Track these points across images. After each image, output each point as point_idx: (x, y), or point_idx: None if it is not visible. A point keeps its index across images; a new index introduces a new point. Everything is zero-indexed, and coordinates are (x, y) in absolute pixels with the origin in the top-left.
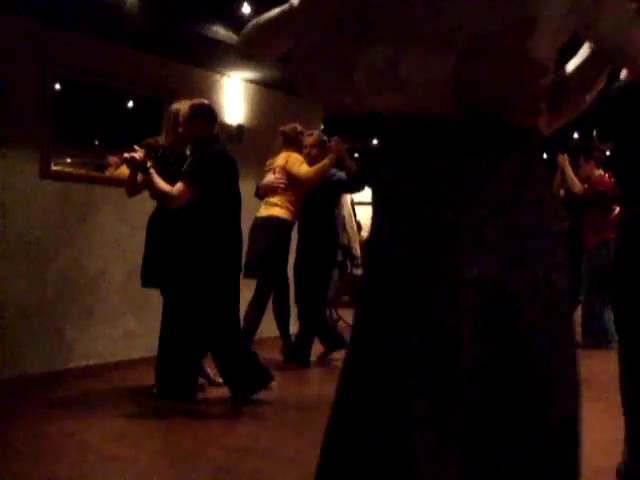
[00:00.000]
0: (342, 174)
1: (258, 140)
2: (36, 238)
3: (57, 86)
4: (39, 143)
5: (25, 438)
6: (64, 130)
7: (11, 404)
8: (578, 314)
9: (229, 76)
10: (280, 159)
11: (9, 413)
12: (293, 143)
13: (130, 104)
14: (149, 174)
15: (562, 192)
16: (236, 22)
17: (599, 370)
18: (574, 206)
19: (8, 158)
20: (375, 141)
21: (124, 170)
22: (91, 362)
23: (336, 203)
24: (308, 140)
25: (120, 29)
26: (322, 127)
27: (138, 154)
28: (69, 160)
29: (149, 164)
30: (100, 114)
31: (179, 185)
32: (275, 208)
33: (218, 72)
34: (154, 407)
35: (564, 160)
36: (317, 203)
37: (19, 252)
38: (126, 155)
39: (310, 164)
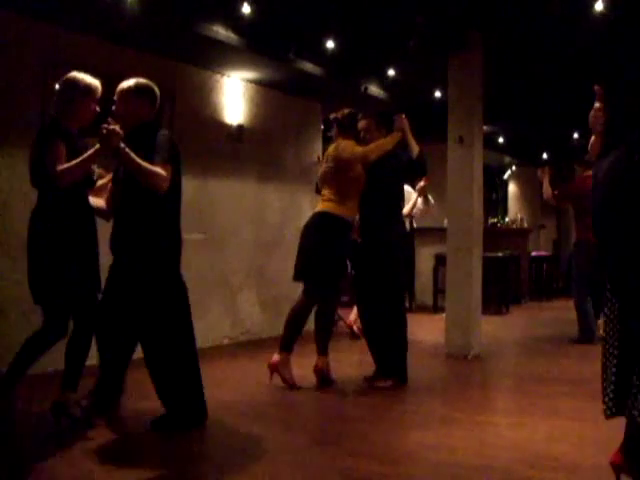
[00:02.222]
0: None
1: (258, 140)
2: None
3: (57, 86)
4: None
5: (25, 438)
6: None
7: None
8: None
9: (229, 76)
10: (331, 149)
11: (9, 413)
12: (349, 130)
13: None
14: (127, 153)
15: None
16: (236, 22)
17: (599, 370)
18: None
19: (9, 158)
20: None
21: None
22: (90, 362)
23: (402, 187)
24: (362, 124)
25: (120, 29)
26: (322, 127)
27: (119, 129)
28: None
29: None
30: (100, 114)
31: (164, 167)
32: (327, 203)
33: (218, 72)
34: (154, 407)
35: (543, 172)
36: (383, 187)
37: (20, 252)
38: (107, 127)
39: None
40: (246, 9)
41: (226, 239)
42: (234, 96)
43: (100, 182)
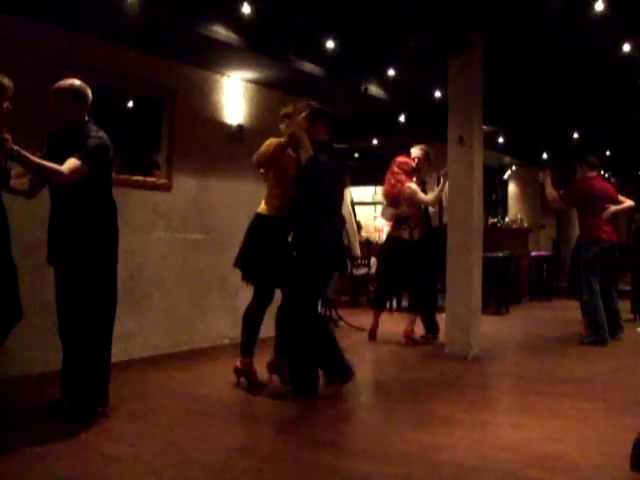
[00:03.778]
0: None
1: (258, 140)
2: (36, 238)
3: None
4: (39, 143)
5: (25, 438)
6: None
7: (11, 404)
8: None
9: (229, 76)
10: None
11: (9, 413)
12: None
13: (130, 104)
14: (23, 155)
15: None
16: (236, 22)
17: (599, 370)
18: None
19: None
20: (375, 141)
21: None
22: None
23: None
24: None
25: (120, 29)
26: None
27: (8, 135)
28: None
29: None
30: (100, 114)
31: (74, 161)
32: (262, 202)
33: (218, 72)
34: (154, 407)
35: (545, 174)
36: (306, 192)
37: (19, 252)
38: None
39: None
40: (246, 9)
41: (226, 239)
42: (234, 96)
43: (18, 170)
